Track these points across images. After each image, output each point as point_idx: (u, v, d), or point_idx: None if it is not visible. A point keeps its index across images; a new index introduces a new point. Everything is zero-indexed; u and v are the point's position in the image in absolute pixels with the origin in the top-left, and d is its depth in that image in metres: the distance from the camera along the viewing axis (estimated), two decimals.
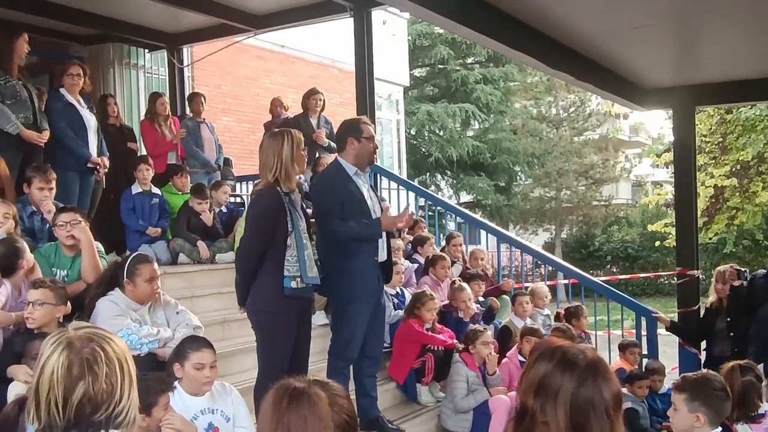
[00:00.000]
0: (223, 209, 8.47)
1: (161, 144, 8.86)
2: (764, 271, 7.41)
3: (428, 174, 27.74)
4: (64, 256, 5.32)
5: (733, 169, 18.35)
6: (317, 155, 9.06)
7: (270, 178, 4.90)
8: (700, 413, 3.61)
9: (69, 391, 1.88)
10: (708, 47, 7.00)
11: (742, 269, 7.25)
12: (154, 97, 9.18)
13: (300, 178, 8.27)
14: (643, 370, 7.60)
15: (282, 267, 4.82)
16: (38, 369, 1.95)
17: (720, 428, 3.62)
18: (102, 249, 5.66)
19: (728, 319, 7.33)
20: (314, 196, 5.65)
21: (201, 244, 7.66)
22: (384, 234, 5.60)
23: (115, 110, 8.71)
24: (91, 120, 7.29)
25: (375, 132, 5.73)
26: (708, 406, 3.62)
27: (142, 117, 9.70)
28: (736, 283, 7.32)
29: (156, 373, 4.17)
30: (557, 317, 8.32)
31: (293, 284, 4.83)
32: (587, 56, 6.99)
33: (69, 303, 4.58)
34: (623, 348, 7.86)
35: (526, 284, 9.37)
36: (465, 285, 7.54)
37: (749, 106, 16.76)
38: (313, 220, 5.56)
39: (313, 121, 9.39)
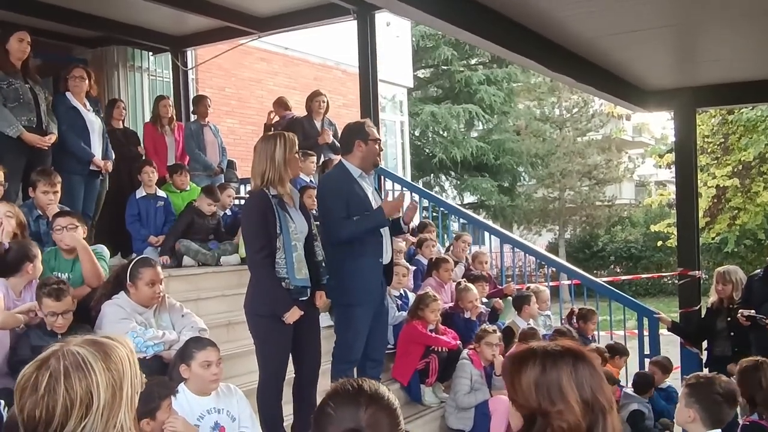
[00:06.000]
0: (228, 212, 8.44)
1: (161, 147, 8.93)
2: (761, 271, 7.34)
3: (432, 175, 27.76)
4: (63, 260, 5.32)
5: (735, 170, 18.38)
6: (326, 157, 9.10)
7: (258, 181, 4.88)
8: (692, 410, 3.66)
9: (23, 405, 1.88)
10: (708, 50, 7.01)
11: (757, 315, 6.79)
12: (158, 100, 9.26)
13: (309, 179, 8.35)
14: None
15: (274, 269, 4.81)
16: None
17: (719, 431, 3.64)
18: (105, 252, 5.68)
19: (728, 319, 7.33)
20: (319, 197, 5.63)
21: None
22: (388, 235, 5.57)
23: (123, 114, 8.76)
24: (95, 123, 7.21)
25: (379, 134, 5.75)
26: (701, 406, 3.65)
27: (146, 120, 9.75)
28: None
29: (158, 377, 4.20)
30: (570, 315, 8.42)
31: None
32: (587, 59, 6.99)
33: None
34: None
35: (529, 284, 9.41)
36: (470, 285, 7.60)
37: (750, 107, 16.79)
38: (318, 222, 5.51)
39: (317, 123, 9.39)
